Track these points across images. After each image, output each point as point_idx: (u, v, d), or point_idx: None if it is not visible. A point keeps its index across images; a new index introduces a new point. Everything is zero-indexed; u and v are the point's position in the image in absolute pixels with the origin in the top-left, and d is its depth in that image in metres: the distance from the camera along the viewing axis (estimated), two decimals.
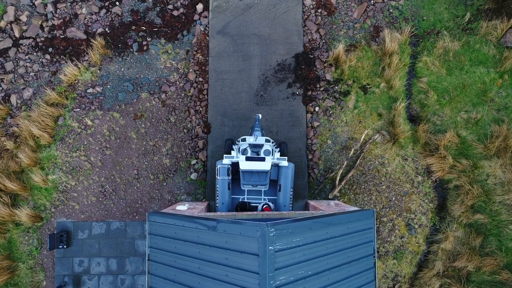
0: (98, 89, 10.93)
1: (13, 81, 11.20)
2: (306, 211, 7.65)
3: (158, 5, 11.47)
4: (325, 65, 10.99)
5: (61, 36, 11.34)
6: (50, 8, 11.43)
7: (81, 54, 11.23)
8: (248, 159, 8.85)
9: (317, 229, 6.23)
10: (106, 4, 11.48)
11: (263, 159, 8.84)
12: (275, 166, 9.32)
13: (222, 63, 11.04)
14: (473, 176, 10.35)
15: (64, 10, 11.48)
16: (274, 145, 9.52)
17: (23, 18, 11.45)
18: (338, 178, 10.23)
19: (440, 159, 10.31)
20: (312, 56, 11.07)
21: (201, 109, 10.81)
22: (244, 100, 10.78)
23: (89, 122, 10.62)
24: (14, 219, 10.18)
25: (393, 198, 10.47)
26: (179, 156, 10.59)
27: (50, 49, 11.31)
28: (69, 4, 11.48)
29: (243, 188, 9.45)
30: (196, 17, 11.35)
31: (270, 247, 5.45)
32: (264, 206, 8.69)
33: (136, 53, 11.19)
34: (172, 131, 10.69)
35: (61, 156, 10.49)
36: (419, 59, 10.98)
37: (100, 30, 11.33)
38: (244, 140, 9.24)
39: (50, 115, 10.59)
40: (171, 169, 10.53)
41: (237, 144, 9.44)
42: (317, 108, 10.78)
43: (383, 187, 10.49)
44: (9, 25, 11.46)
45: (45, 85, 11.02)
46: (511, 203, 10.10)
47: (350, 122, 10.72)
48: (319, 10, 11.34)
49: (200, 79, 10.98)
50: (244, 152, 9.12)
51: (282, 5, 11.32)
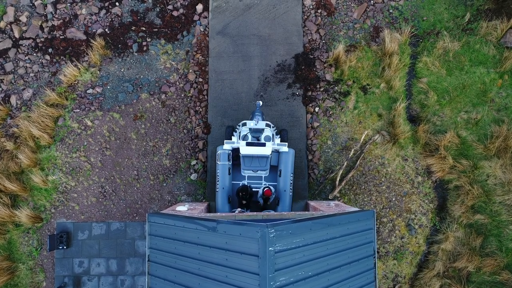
0: (98, 89, 10.93)
1: (13, 81, 11.19)
2: (306, 212, 7.64)
3: (158, 5, 11.46)
4: (325, 65, 10.99)
5: (61, 37, 11.34)
6: (50, 8, 11.42)
7: (81, 54, 11.22)
8: (248, 144, 8.91)
9: (317, 230, 6.23)
10: (106, 4, 11.48)
11: (263, 145, 8.89)
12: (276, 152, 9.37)
13: (222, 63, 11.03)
14: (473, 176, 10.35)
15: (64, 10, 11.47)
16: (275, 130, 9.60)
17: (23, 18, 11.44)
18: (338, 179, 10.22)
19: (440, 160, 10.30)
20: (312, 57, 11.07)
21: (201, 109, 10.81)
22: (244, 101, 10.78)
23: (89, 123, 10.61)
24: (14, 220, 10.17)
25: (393, 199, 10.47)
26: (179, 157, 10.58)
27: (50, 50, 11.31)
28: (68, 4, 11.47)
29: (243, 174, 9.54)
30: (196, 17, 11.35)
31: (270, 248, 5.45)
32: (265, 189, 8.69)
33: (136, 54, 11.18)
34: (172, 132, 10.68)
35: (61, 157, 10.48)
36: (419, 60, 10.98)
37: (100, 30, 11.32)
38: (245, 124, 9.31)
39: (50, 116, 10.59)
40: (171, 169, 10.53)
41: (237, 129, 9.51)
42: (317, 109, 10.78)
43: (383, 187, 10.48)
44: (9, 25, 11.46)
45: (45, 86, 11.02)
46: (511, 204, 10.11)
47: (350, 123, 10.71)
48: (319, 11, 11.34)
49: (200, 79, 10.98)
50: (244, 138, 9.19)
51: (282, 6, 11.31)
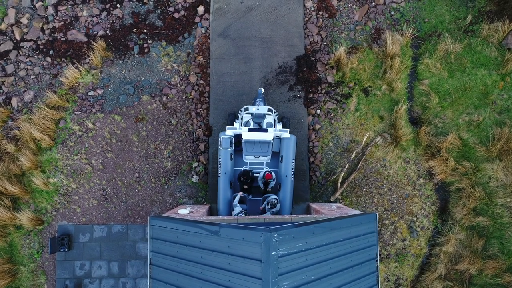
0: (99, 91, 10.91)
1: (14, 83, 11.18)
2: (308, 215, 7.63)
3: (159, 7, 11.45)
4: (327, 67, 10.97)
5: (62, 39, 11.32)
6: (51, 10, 11.40)
7: (82, 56, 11.20)
8: (250, 130, 9.07)
9: (320, 234, 6.21)
10: (107, 6, 11.46)
11: (265, 131, 9.04)
12: (277, 138, 9.47)
13: (223, 65, 11.02)
14: (475, 178, 10.33)
15: (65, 12, 11.45)
16: (277, 116, 9.71)
17: (24, 20, 11.42)
18: (339, 181, 10.21)
19: (442, 162, 10.28)
20: (313, 59, 11.05)
21: (202, 111, 10.79)
22: (245, 103, 10.75)
23: (90, 125, 10.60)
24: (15, 223, 10.16)
25: (395, 201, 10.45)
26: (181, 159, 10.57)
27: (51, 52, 11.29)
28: (70, 6, 11.45)
29: (245, 161, 9.68)
30: (197, 19, 11.33)
31: (273, 253, 5.44)
32: (266, 173, 8.83)
33: (137, 56, 11.17)
34: (174, 134, 10.67)
35: (62, 159, 10.47)
36: (420, 61, 10.96)
37: (101, 32, 11.31)
38: (247, 109, 9.43)
39: (51, 118, 10.57)
40: (172, 172, 10.51)
41: (240, 114, 9.62)
42: (318, 111, 10.76)
43: (385, 189, 10.47)
44: (10, 27, 11.44)
45: (46, 88, 11.00)
46: None
47: (352, 125, 10.70)
48: (320, 13, 11.32)
49: (201, 81, 10.96)
50: (246, 124, 9.38)
51: (283, 8, 11.30)
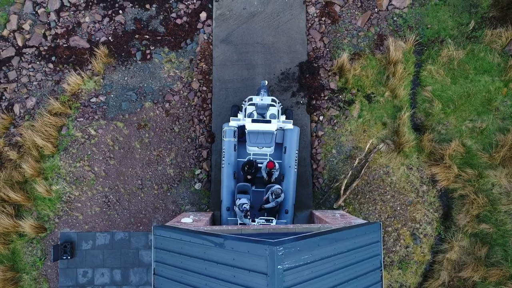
0: (102, 98, 10.89)
1: (16, 90, 11.16)
2: (312, 225, 7.61)
3: (161, 13, 11.43)
4: (329, 74, 10.96)
5: (64, 45, 11.30)
6: (53, 16, 11.39)
7: (84, 63, 11.18)
8: (254, 121, 9.16)
9: (325, 246, 6.19)
10: (109, 12, 11.44)
11: (269, 122, 9.13)
12: (281, 129, 9.54)
13: (226, 72, 11.00)
14: (478, 185, 10.32)
15: (67, 18, 11.44)
16: (281, 106, 9.78)
17: (26, 26, 11.41)
18: (343, 188, 10.19)
19: (445, 169, 10.26)
20: (316, 65, 11.03)
21: (205, 118, 10.78)
22: None
23: (93, 132, 10.58)
24: (17, 230, 10.14)
25: (398, 208, 10.44)
26: (183, 166, 10.55)
27: (53, 58, 11.28)
28: (72, 12, 11.44)
29: (248, 152, 9.76)
30: (199, 25, 11.31)
31: (279, 266, 5.42)
32: (268, 162, 9.00)
33: (139, 62, 11.15)
34: (176, 141, 10.65)
35: (65, 166, 10.45)
36: (423, 68, 10.95)
37: (103, 38, 11.29)
38: (251, 100, 9.50)
39: (54, 125, 10.56)
40: (175, 179, 10.49)
41: (243, 105, 9.68)
42: (321, 117, 10.75)
43: (388, 196, 10.45)
44: (12, 33, 11.42)
45: (48, 95, 10.98)
46: None
47: (355, 131, 10.68)
48: (323, 19, 11.30)
49: (204, 88, 10.94)
50: (250, 115, 9.46)
51: (286, 14, 11.28)
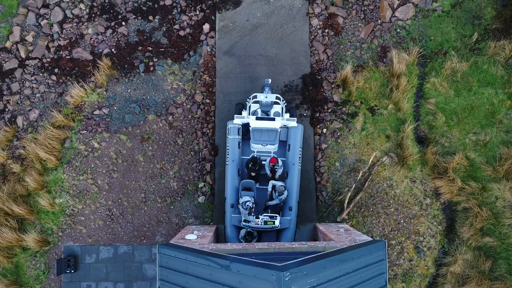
0: (105, 110, 10.89)
1: (19, 102, 11.15)
2: (318, 243, 7.60)
3: (164, 25, 11.42)
4: (333, 86, 10.95)
5: (67, 57, 11.30)
6: (56, 28, 11.38)
7: (87, 75, 11.18)
8: (258, 119, 9.31)
9: (331, 267, 6.19)
10: (112, 24, 11.44)
11: (273, 119, 9.28)
12: (285, 127, 9.63)
13: (229, 84, 10.99)
14: (482, 198, 10.31)
15: (70, 30, 11.43)
16: (285, 104, 9.87)
17: (29, 38, 11.40)
18: (346, 201, 10.19)
19: (449, 182, 10.25)
20: (319, 77, 11.02)
21: (208, 131, 10.77)
22: None
23: (96, 145, 10.57)
24: (21, 244, 10.13)
25: (402, 221, 10.43)
26: (187, 179, 10.54)
27: (56, 70, 11.27)
28: (75, 24, 11.43)
29: (252, 149, 9.85)
30: (202, 37, 11.30)
31: None
32: (271, 157, 9.11)
33: (142, 74, 11.14)
34: (180, 154, 10.64)
35: (68, 179, 10.44)
36: (427, 80, 10.94)
37: (106, 50, 11.28)
38: (255, 97, 9.60)
39: (57, 138, 10.55)
40: (178, 192, 10.48)
41: (248, 103, 9.77)
42: (324, 130, 10.74)
43: (392, 209, 10.44)
44: (15, 45, 11.42)
45: (52, 107, 10.97)
46: None
47: (358, 144, 10.67)
48: (326, 30, 11.29)
49: (207, 100, 10.93)
50: (254, 113, 9.59)
51: (289, 25, 11.27)
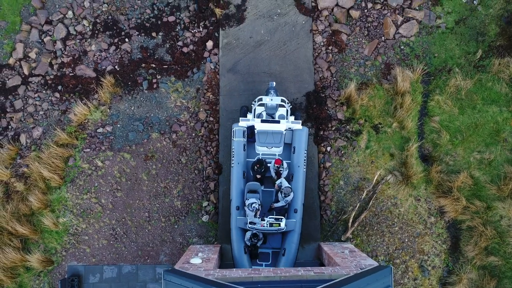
0: (108, 128, 10.86)
1: (22, 119, 11.12)
2: (323, 269, 7.56)
3: (167, 41, 11.40)
4: (337, 104, 10.92)
5: (70, 74, 11.27)
6: (59, 45, 11.35)
7: (91, 92, 11.15)
8: (263, 121, 9.39)
9: None
10: (115, 40, 11.41)
11: (278, 122, 9.37)
12: (290, 130, 9.68)
13: (232, 101, 10.96)
14: (487, 217, 10.29)
15: (73, 47, 11.41)
16: (290, 106, 9.94)
17: (32, 55, 11.38)
18: (351, 220, 10.16)
19: (453, 200, 10.23)
20: (323, 95, 11.00)
21: (212, 149, 10.74)
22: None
23: (100, 163, 10.55)
24: (24, 264, 10.10)
25: (406, 240, 10.40)
26: (191, 198, 10.52)
27: (59, 87, 11.24)
28: (78, 41, 11.41)
29: (257, 152, 9.89)
30: (206, 54, 11.28)
31: None
32: (276, 159, 9.20)
33: (146, 91, 11.12)
34: (183, 172, 10.62)
35: (72, 198, 10.42)
36: (431, 98, 10.92)
37: (109, 67, 11.26)
38: (260, 100, 9.67)
39: (60, 156, 10.53)
40: (182, 211, 10.46)
41: (253, 106, 9.84)
42: (329, 148, 10.71)
43: (396, 228, 10.42)
44: (18, 62, 11.39)
45: (55, 125, 10.93)
46: None
47: (362, 162, 10.65)
48: (330, 47, 11.27)
49: (211, 118, 10.91)
50: (259, 116, 9.68)
51: (293, 43, 11.25)
